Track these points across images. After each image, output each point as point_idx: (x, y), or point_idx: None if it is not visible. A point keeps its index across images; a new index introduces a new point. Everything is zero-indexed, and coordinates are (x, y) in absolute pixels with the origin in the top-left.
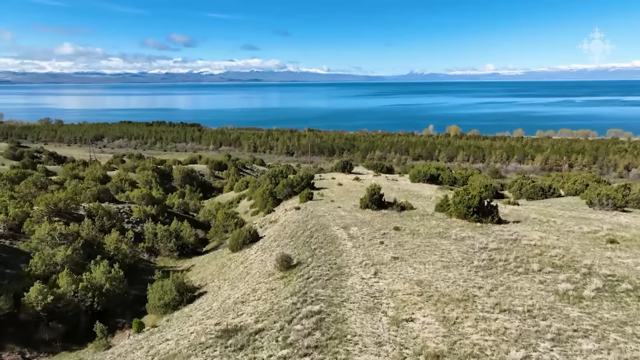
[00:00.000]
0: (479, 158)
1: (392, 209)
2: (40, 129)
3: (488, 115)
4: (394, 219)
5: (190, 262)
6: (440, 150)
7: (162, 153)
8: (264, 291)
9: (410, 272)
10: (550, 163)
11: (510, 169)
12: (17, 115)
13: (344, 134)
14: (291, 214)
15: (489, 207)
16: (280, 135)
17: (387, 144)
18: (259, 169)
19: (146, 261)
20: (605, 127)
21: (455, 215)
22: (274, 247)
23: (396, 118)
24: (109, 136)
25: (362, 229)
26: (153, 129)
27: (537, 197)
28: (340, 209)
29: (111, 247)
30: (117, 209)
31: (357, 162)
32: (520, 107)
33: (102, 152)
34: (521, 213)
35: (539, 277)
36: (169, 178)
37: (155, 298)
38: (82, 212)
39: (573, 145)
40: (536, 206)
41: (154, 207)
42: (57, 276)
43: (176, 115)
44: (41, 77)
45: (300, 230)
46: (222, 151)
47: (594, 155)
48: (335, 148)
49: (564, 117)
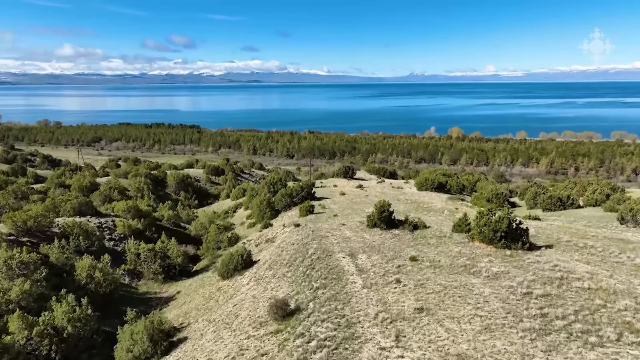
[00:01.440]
0: (483, 161)
1: (403, 229)
2: (38, 130)
3: (489, 117)
4: (407, 243)
5: (176, 287)
6: (443, 153)
7: (160, 155)
8: (253, 355)
9: (442, 336)
10: (555, 166)
11: (515, 173)
12: (17, 117)
13: (344, 136)
14: (290, 232)
15: (519, 230)
16: (280, 137)
17: (388, 147)
18: (258, 174)
19: (127, 286)
20: (609, 129)
21: (478, 239)
22: (269, 277)
23: (397, 119)
24: (106, 138)
25: (371, 257)
26: (152, 130)
27: (555, 209)
28: (344, 226)
29: (82, 275)
30: (98, 224)
31: (358, 165)
32: (522, 108)
33: (99, 155)
34: (548, 232)
35: (623, 351)
36: (163, 184)
37: (124, 348)
38: (57, 229)
39: (578, 147)
40: (560, 221)
41: (141, 221)
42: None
43: (176, 116)
44: (42, 78)
45: (299, 256)
46: (221, 154)
47: (600, 159)
48: (336, 151)
49: (567, 119)
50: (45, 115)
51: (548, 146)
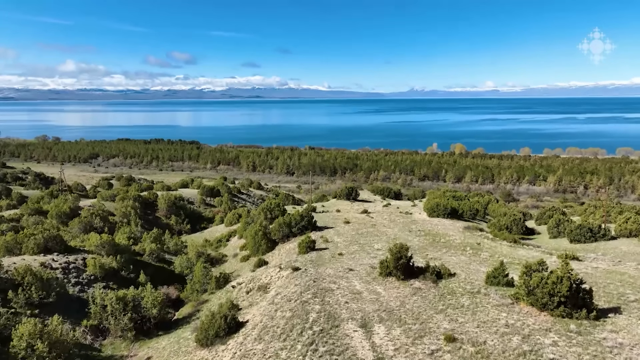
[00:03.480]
0: (488, 179)
1: (424, 278)
2: (35, 146)
3: (491, 133)
4: (433, 304)
5: (147, 349)
6: (447, 170)
7: (158, 172)
8: None
9: None
10: (564, 184)
11: (522, 191)
12: (17, 132)
13: (346, 152)
14: (287, 279)
15: (582, 292)
16: (281, 154)
17: (391, 164)
18: (256, 194)
19: (87, 348)
20: (613, 145)
21: (526, 302)
22: (258, 354)
23: (398, 135)
24: (104, 155)
25: (391, 330)
26: (150, 147)
27: (584, 240)
28: (352, 273)
29: (20, 347)
30: (65, 264)
31: (360, 182)
32: (523, 124)
33: (95, 172)
34: (600, 281)
35: None
36: (152, 207)
37: None
38: (6, 274)
39: (584, 165)
40: (602, 261)
41: (117, 259)
42: None
43: (176, 132)
44: (44, 93)
45: (298, 322)
46: (219, 170)
47: (609, 176)
48: (338, 167)
49: (569, 135)
50: (45, 131)
51: (554, 163)
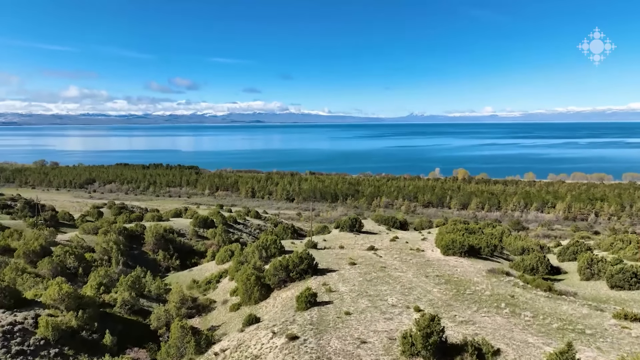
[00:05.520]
0: (494, 205)
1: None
2: (31, 171)
3: (493, 158)
4: None
5: None
6: (452, 196)
7: (154, 199)
8: None
9: None
10: (573, 212)
11: (531, 219)
12: (16, 157)
13: (347, 177)
14: (282, 354)
15: None
16: (280, 179)
17: (393, 189)
18: (253, 224)
19: None
20: (618, 170)
21: None
22: None
23: (399, 160)
24: (100, 180)
25: None
26: (148, 172)
27: (628, 287)
28: (365, 348)
29: None
30: (9, 325)
31: (362, 209)
32: (524, 148)
33: (90, 198)
34: None
35: None
36: (139, 241)
37: None
38: None
39: (592, 190)
40: None
41: (78, 315)
42: None
43: (177, 156)
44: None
45: None
46: (218, 197)
47: (620, 203)
48: (339, 193)
49: (572, 160)
50: (45, 156)
51: (561, 189)
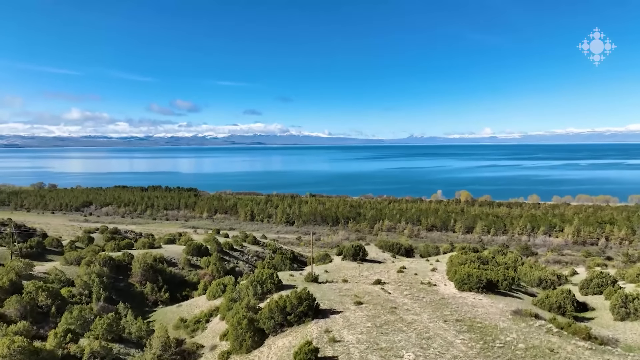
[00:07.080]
0: (500, 229)
1: None
2: (27, 194)
3: (494, 179)
4: None
5: None
6: (456, 219)
7: (151, 222)
8: None
9: None
10: (583, 236)
11: (539, 243)
12: (14, 180)
13: (348, 199)
14: None
15: None
16: (280, 201)
17: (396, 212)
18: (251, 250)
19: None
20: (622, 191)
21: None
22: None
23: (400, 182)
24: (97, 203)
25: None
26: (146, 194)
27: None
28: None
29: None
30: None
31: (364, 232)
32: (525, 170)
33: (85, 221)
34: None
35: None
36: (126, 271)
37: None
38: None
39: (599, 213)
40: None
41: None
42: None
43: (177, 178)
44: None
45: None
46: (216, 220)
47: (630, 227)
48: (340, 217)
49: (575, 181)
50: (44, 178)
51: (567, 212)
